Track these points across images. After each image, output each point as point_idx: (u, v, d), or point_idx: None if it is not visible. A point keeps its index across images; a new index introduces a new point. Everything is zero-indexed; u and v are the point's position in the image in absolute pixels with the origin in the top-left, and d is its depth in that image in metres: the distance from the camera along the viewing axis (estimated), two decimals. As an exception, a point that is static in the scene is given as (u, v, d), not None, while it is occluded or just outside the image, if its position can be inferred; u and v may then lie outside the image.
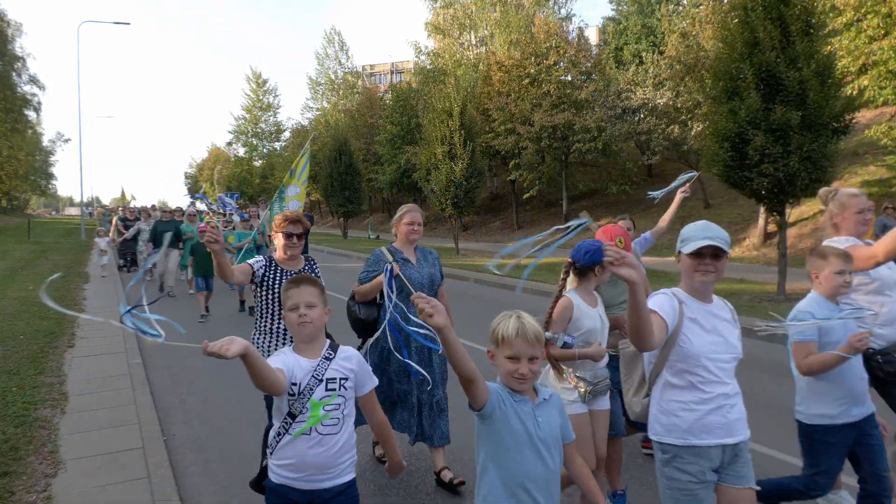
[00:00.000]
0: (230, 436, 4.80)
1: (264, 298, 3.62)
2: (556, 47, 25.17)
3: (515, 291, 11.78)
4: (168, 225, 12.29)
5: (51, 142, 68.45)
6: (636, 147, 24.67)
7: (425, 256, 4.06)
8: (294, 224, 3.60)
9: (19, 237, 29.59)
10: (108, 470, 3.98)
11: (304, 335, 2.30)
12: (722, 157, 10.37)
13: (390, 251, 3.96)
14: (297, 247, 3.62)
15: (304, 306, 2.27)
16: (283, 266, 3.65)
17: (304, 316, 2.26)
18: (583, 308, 3.18)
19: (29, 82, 47.24)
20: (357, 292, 4.00)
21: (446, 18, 38.50)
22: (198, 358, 7.28)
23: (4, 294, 11.21)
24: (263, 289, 3.61)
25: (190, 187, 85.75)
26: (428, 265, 4.00)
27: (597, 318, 3.22)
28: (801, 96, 9.70)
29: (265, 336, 3.64)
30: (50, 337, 7.76)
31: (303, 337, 2.31)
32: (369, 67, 65.87)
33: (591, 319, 3.18)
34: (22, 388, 5.57)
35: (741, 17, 10.39)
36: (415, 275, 3.87)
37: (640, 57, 28.83)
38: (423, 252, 4.08)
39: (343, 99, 49.20)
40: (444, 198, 20.60)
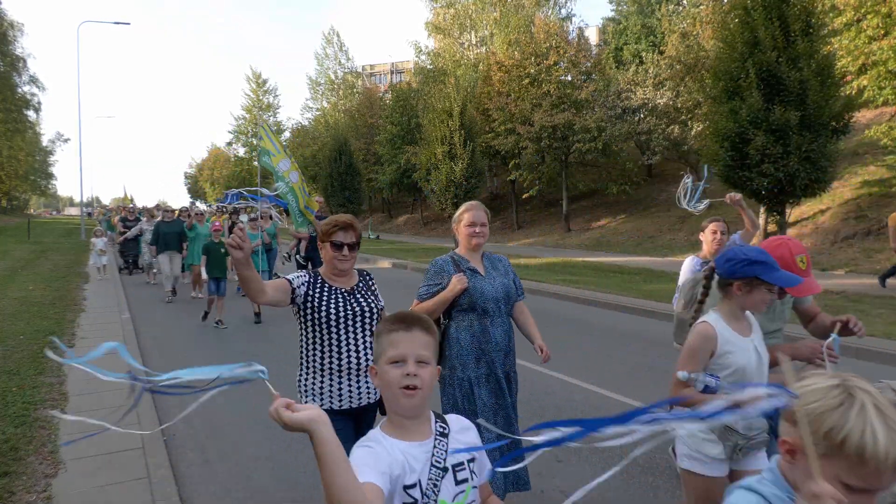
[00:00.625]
0: (230, 436, 4.80)
1: (309, 325, 2.83)
2: (556, 47, 25.17)
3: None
4: (172, 226, 11.87)
5: (51, 142, 68.50)
6: (636, 147, 24.67)
7: (494, 265, 3.37)
8: (346, 231, 2.86)
9: (19, 237, 29.59)
10: (108, 470, 3.97)
11: (409, 408, 1.50)
12: (722, 157, 10.40)
13: (454, 260, 3.26)
14: (349, 260, 2.88)
15: (415, 362, 1.48)
16: (331, 282, 2.90)
17: (414, 378, 1.47)
18: (731, 338, 2.33)
19: (29, 83, 47.30)
20: (419, 310, 3.21)
21: (446, 18, 38.51)
22: (198, 357, 7.29)
23: (4, 294, 11.21)
24: (307, 312, 2.82)
25: (190, 187, 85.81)
26: (500, 275, 3.31)
27: (751, 351, 2.36)
28: (801, 96, 9.73)
29: (315, 376, 2.81)
30: (50, 337, 7.75)
31: (407, 410, 1.51)
32: (369, 67, 65.86)
33: (744, 353, 2.33)
34: (22, 388, 5.57)
35: (741, 17, 10.42)
36: (487, 287, 3.19)
37: (640, 57, 28.85)
38: (492, 260, 3.41)
39: (343, 99, 49.20)
40: (444, 198, 20.61)
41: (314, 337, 2.84)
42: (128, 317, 9.44)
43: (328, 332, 2.79)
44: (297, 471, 4.14)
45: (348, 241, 2.87)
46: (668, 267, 15.50)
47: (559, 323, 9.12)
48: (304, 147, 43.84)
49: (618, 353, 7.28)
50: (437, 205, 21.44)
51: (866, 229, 14.92)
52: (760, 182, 9.88)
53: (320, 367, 2.81)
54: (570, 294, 11.25)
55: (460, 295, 3.12)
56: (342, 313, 2.80)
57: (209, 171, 71.33)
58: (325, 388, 2.79)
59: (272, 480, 4.01)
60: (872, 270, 12.57)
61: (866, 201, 16.08)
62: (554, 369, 6.35)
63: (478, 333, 3.13)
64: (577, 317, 9.63)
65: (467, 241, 3.28)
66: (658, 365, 6.57)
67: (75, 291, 11.97)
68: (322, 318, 2.80)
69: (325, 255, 2.91)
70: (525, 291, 3.52)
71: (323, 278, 2.92)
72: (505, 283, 3.28)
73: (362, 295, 2.93)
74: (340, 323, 2.78)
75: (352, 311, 2.82)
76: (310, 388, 2.82)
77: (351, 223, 2.89)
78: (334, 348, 2.78)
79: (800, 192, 9.99)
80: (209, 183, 70.91)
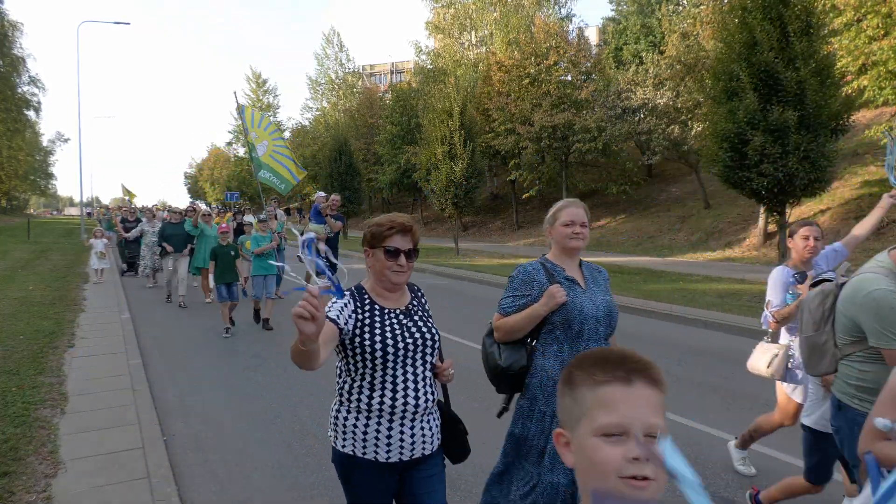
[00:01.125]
0: (230, 436, 4.80)
1: (358, 357, 2.20)
2: (556, 47, 25.17)
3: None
4: (177, 227, 11.36)
5: (51, 142, 68.63)
6: (636, 147, 24.67)
7: (595, 278, 2.78)
8: (404, 235, 2.24)
9: (19, 237, 29.59)
10: (108, 470, 3.98)
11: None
12: (721, 158, 10.41)
13: (546, 268, 2.70)
14: (406, 272, 2.25)
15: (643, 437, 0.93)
16: (381, 302, 2.29)
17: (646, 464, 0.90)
18: None
19: (29, 83, 47.31)
20: (501, 327, 2.72)
21: (446, 18, 38.51)
22: (198, 358, 7.29)
23: (4, 294, 11.21)
24: (354, 344, 2.20)
25: (190, 187, 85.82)
26: (601, 290, 2.74)
27: None
28: (800, 96, 9.73)
29: (359, 416, 2.21)
30: (50, 337, 7.76)
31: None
32: (369, 67, 65.87)
33: None
34: (22, 388, 5.57)
35: (739, 17, 10.42)
36: (587, 303, 2.61)
37: (640, 57, 28.85)
38: (591, 270, 2.81)
39: (343, 99, 49.21)
40: (444, 198, 20.59)
41: (361, 371, 2.20)
42: (128, 317, 9.44)
43: (381, 366, 2.18)
44: (297, 471, 4.14)
45: (406, 247, 2.23)
46: (668, 267, 15.50)
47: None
48: (304, 147, 43.86)
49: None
50: (437, 205, 21.41)
51: (866, 229, 14.90)
52: (760, 182, 9.89)
53: (366, 408, 2.19)
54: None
55: (555, 311, 2.58)
56: (399, 344, 2.19)
57: (209, 171, 71.39)
58: (369, 433, 2.19)
59: (272, 480, 4.01)
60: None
61: (866, 201, 16.07)
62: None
63: (567, 360, 2.49)
64: (576, 317, 9.62)
65: (563, 244, 2.70)
66: (657, 365, 6.57)
67: (75, 291, 11.97)
68: (373, 350, 2.17)
69: (373, 264, 2.27)
70: None
71: (371, 296, 2.28)
72: (607, 301, 2.71)
73: (420, 317, 2.33)
74: (398, 355, 2.18)
75: (411, 339, 2.22)
76: (349, 430, 2.21)
77: (410, 226, 2.25)
78: (387, 385, 2.18)
79: (799, 191, 10.00)
80: (209, 183, 70.97)
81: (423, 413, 2.23)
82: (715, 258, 16.95)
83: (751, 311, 9.31)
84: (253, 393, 5.86)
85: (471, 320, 9.29)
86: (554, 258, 2.76)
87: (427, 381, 2.27)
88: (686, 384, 5.96)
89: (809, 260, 3.71)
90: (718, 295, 10.51)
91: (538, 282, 2.66)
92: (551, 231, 2.77)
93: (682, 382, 6.01)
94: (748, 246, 17.51)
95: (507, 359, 2.68)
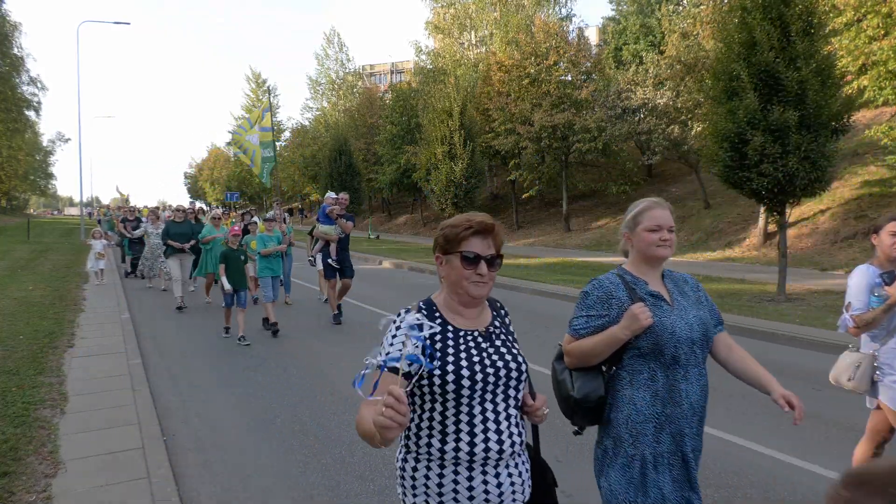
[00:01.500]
0: (230, 436, 4.80)
1: (421, 389, 1.80)
2: (556, 47, 25.18)
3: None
4: (182, 226, 10.99)
5: (51, 142, 68.66)
6: (636, 147, 24.68)
7: (680, 289, 2.33)
8: (484, 237, 1.84)
9: (19, 237, 29.60)
10: (108, 470, 3.98)
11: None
12: (721, 158, 10.38)
13: (625, 281, 2.27)
14: (487, 282, 1.84)
15: None
16: (456, 322, 1.87)
17: None
18: None
19: (29, 83, 47.32)
20: (572, 352, 2.28)
21: (446, 18, 38.51)
22: (198, 358, 7.29)
23: (4, 294, 11.21)
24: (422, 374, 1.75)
25: (189, 187, 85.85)
26: (691, 304, 2.27)
27: None
28: (801, 96, 9.72)
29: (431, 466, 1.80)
30: (50, 337, 7.77)
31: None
32: (369, 67, 65.89)
33: None
34: (22, 388, 5.57)
35: (739, 17, 10.40)
36: (678, 323, 2.16)
37: (639, 57, 28.85)
38: (675, 281, 2.36)
39: (343, 99, 49.23)
40: (444, 198, 20.60)
41: (430, 409, 1.80)
42: (127, 317, 9.44)
43: (455, 403, 1.76)
44: (297, 470, 4.14)
45: (487, 252, 1.83)
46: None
47: (558, 323, 9.12)
48: (304, 147, 43.90)
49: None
50: (437, 205, 21.43)
51: (866, 229, 14.91)
52: (760, 182, 9.88)
53: (438, 454, 1.78)
54: (570, 294, 11.24)
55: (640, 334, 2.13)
56: (478, 375, 1.76)
57: (209, 171, 71.40)
58: (445, 487, 1.77)
59: (272, 480, 4.01)
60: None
61: (866, 201, 16.08)
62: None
63: (662, 391, 2.12)
64: (576, 317, 9.61)
65: (648, 253, 2.27)
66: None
67: (75, 291, 11.97)
68: (445, 384, 1.75)
69: (447, 274, 1.86)
70: (525, 292, 2.86)
71: (443, 314, 1.87)
72: (700, 318, 2.23)
73: (503, 341, 1.91)
74: (476, 389, 1.76)
75: (492, 369, 1.79)
76: (420, 482, 1.80)
77: (492, 225, 1.84)
78: (463, 427, 1.77)
79: (799, 192, 9.99)
80: (209, 183, 70.99)
81: (507, 459, 1.81)
82: (715, 258, 16.95)
83: (751, 311, 9.31)
84: (253, 393, 5.86)
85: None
86: (633, 269, 2.33)
87: (513, 421, 1.83)
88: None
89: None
90: (719, 295, 10.51)
91: (617, 299, 2.22)
92: (630, 237, 2.35)
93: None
94: (748, 246, 17.51)
95: (580, 388, 2.23)
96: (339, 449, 4.44)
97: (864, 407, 3.45)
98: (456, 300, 1.87)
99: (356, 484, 3.90)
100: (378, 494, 3.78)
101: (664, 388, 2.13)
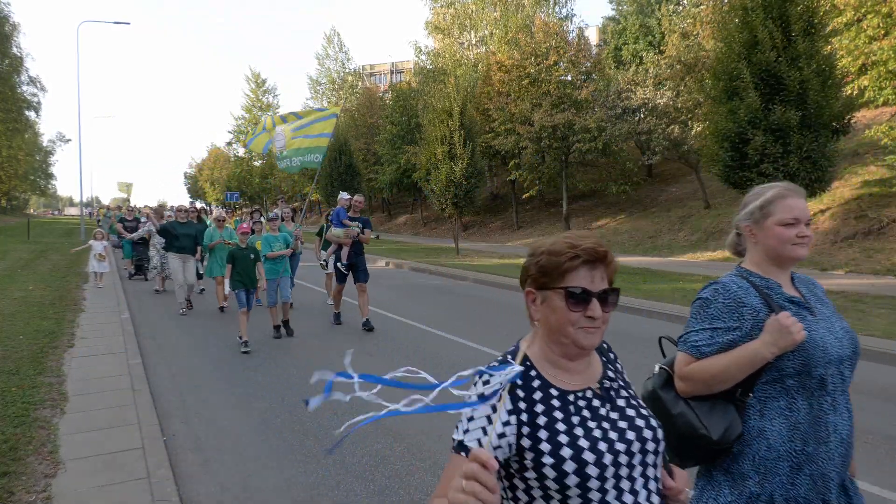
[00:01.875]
0: (230, 436, 4.80)
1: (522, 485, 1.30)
2: (556, 47, 25.18)
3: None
4: (187, 227, 10.40)
5: (51, 142, 68.71)
6: (636, 147, 24.68)
7: (815, 293, 1.93)
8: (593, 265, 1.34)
9: (19, 237, 29.59)
10: (108, 470, 3.97)
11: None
12: (722, 158, 10.40)
13: (755, 286, 1.83)
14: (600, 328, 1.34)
15: None
16: (559, 382, 1.36)
17: None
18: None
19: (28, 83, 47.36)
20: (694, 375, 1.81)
21: (446, 18, 38.52)
22: (198, 358, 7.29)
23: (4, 294, 11.21)
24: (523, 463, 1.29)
25: (189, 187, 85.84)
26: (832, 313, 1.88)
27: None
28: (802, 96, 9.73)
29: None
30: (50, 337, 7.76)
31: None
32: (369, 67, 65.89)
33: None
34: (22, 388, 5.57)
35: (741, 17, 10.41)
36: (829, 340, 1.75)
37: (639, 57, 28.86)
38: (805, 284, 1.94)
39: (343, 99, 49.26)
40: (444, 198, 20.60)
41: None
42: (127, 317, 9.43)
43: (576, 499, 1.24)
44: (297, 470, 4.13)
45: (599, 287, 1.33)
46: (668, 267, 15.50)
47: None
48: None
49: (617, 352, 7.26)
50: (437, 205, 21.42)
51: (866, 229, 14.91)
52: (760, 182, 9.89)
53: None
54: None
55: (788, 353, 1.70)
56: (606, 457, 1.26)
57: (209, 171, 71.37)
58: None
59: (272, 480, 4.01)
60: (872, 270, 12.57)
61: (866, 201, 16.08)
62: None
63: (804, 424, 1.70)
64: (577, 317, 9.61)
65: (781, 252, 1.84)
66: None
67: (75, 291, 11.96)
68: (561, 476, 1.24)
69: (545, 316, 1.36)
70: None
71: (540, 372, 1.35)
72: (847, 329, 1.83)
73: (626, 398, 1.40)
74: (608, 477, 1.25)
75: (622, 444, 1.29)
76: None
77: (605, 252, 1.34)
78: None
79: (800, 192, 10.03)
80: (209, 183, 70.96)
81: None
82: (715, 258, 16.95)
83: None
84: (253, 393, 5.86)
85: (472, 321, 9.29)
86: (758, 269, 1.88)
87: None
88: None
89: None
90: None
91: (750, 307, 1.77)
92: (754, 230, 1.89)
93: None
94: (748, 246, 17.48)
95: (715, 426, 1.73)
96: (340, 449, 4.44)
97: None
98: (557, 351, 1.36)
99: (356, 484, 3.90)
100: (378, 494, 3.78)
101: (807, 420, 1.70)
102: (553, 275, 1.34)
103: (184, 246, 10.20)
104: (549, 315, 1.35)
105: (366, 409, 0.96)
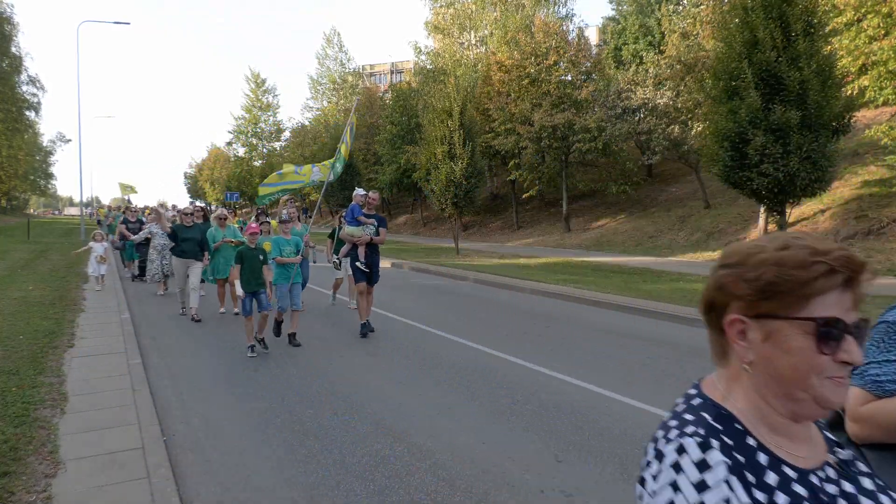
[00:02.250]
0: (230, 436, 4.80)
1: None
2: (556, 47, 25.18)
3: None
4: (192, 231, 9.88)
5: (51, 142, 68.70)
6: (636, 147, 24.69)
7: None
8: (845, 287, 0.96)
9: (19, 237, 29.59)
10: (108, 470, 3.97)
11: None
12: (722, 157, 10.41)
13: None
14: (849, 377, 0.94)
15: None
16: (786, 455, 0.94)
17: None
18: None
19: (28, 82, 47.35)
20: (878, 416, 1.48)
21: (446, 18, 38.53)
22: (198, 357, 7.29)
23: (4, 294, 11.20)
24: None
25: (189, 187, 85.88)
26: None
27: None
28: (802, 96, 9.73)
29: None
30: (50, 337, 7.76)
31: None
32: (369, 67, 65.89)
33: None
34: (22, 388, 5.57)
35: (741, 16, 10.42)
36: None
37: (639, 57, 28.86)
38: None
39: (343, 99, 49.27)
40: (444, 198, 20.59)
41: None
42: (127, 317, 9.43)
43: None
44: (297, 470, 4.13)
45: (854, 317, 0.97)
46: (669, 267, 15.51)
47: (559, 323, 9.12)
48: (304, 147, 43.94)
49: (618, 353, 7.27)
50: (437, 205, 21.42)
51: (866, 229, 14.92)
52: (760, 182, 9.89)
53: None
54: (570, 294, 11.25)
55: None
56: None
57: (209, 171, 71.39)
58: None
59: (272, 480, 4.01)
60: (872, 270, 12.59)
61: (866, 201, 16.08)
62: (553, 369, 6.35)
63: None
64: (577, 317, 9.63)
65: None
66: (658, 365, 6.57)
67: (75, 291, 11.96)
68: None
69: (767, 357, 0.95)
70: (525, 291, 2.00)
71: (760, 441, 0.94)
72: None
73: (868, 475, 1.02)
74: None
75: None
76: None
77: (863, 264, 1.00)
78: None
79: (800, 192, 10.00)
80: (209, 183, 70.98)
81: None
82: (715, 258, 16.91)
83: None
84: (253, 393, 5.86)
85: (473, 321, 9.29)
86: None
87: None
88: (686, 384, 5.96)
89: None
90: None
91: None
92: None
93: (682, 382, 6.00)
94: (748, 246, 17.49)
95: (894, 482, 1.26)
96: (339, 449, 4.44)
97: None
98: (784, 410, 0.96)
99: (356, 484, 3.90)
100: (378, 494, 3.77)
101: None
102: (789, 298, 0.94)
103: (187, 249, 9.77)
104: (780, 358, 0.94)
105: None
